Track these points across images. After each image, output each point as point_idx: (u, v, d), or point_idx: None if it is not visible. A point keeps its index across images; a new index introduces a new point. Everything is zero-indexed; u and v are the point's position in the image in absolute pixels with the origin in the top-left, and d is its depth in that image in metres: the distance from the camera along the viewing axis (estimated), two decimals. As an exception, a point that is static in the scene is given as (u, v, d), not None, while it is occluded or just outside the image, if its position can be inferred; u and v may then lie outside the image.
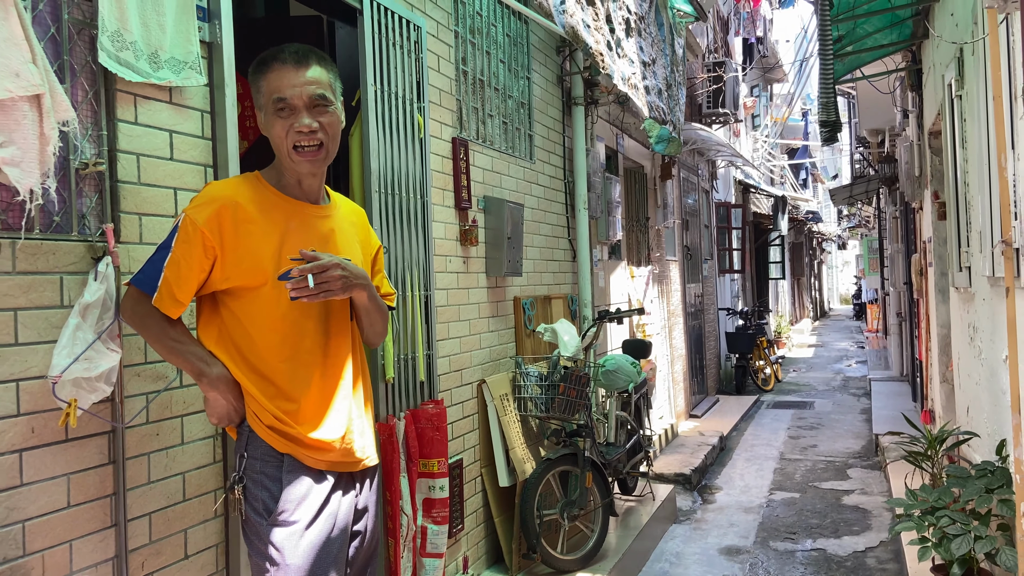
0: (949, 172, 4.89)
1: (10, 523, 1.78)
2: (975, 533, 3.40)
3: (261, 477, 1.86)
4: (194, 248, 1.81)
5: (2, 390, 1.78)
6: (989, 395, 4.02)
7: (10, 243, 1.81)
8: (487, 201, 4.17)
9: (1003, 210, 3.03)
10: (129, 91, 2.11)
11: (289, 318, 1.89)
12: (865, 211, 19.94)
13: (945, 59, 4.87)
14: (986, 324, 3.98)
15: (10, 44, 1.73)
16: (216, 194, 1.87)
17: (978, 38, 3.24)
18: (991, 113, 3.35)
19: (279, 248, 1.88)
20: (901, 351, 11.69)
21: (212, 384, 1.84)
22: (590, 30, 3.25)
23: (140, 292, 1.83)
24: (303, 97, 1.86)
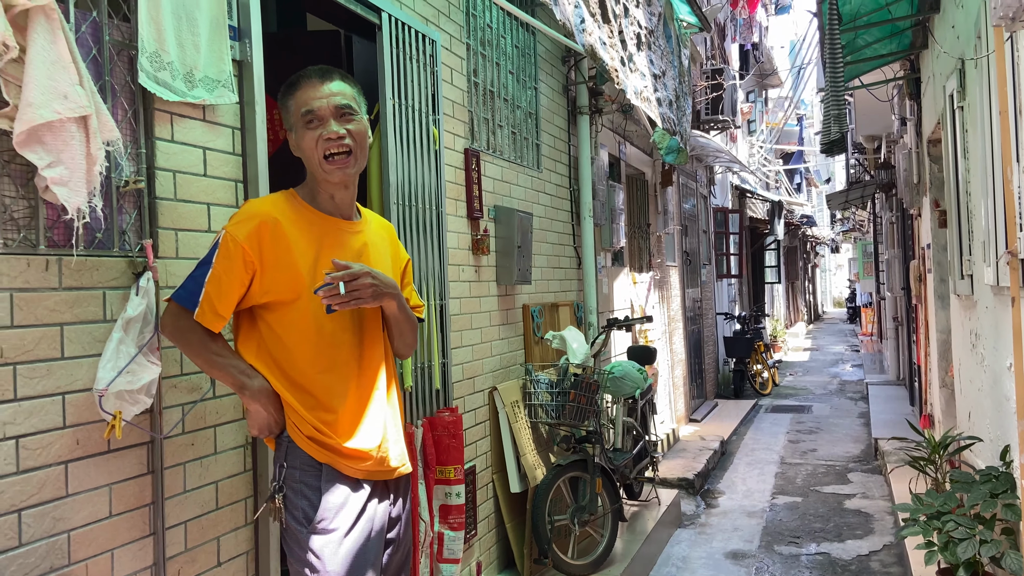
0: (950, 181, 4.97)
1: (56, 533, 1.83)
2: (980, 537, 3.47)
3: (300, 486, 1.92)
4: (235, 263, 1.86)
5: (49, 403, 1.83)
6: (992, 401, 4.09)
7: (56, 260, 1.86)
8: (497, 210, 4.23)
9: (1008, 221, 3.10)
10: (166, 110, 2.17)
11: (326, 331, 1.94)
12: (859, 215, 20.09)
13: (946, 70, 4.95)
14: (989, 332, 4.05)
15: (58, 67, 1.78)
16: (256, 211, 1.93)
17: (983, 54, 3.32)
18: (995, 126, 3.42)
19: (315, 263, 1.94)
20: (898, 355, 11.78)
21: (254, 396, 1.89)
22: (606, 47, 3.32)
23: (181, 307, 1.88)
24: (329, 107, 1.94)
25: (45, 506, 1.81)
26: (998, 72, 2.88)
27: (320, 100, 1.93)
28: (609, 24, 3.37)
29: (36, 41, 1.75)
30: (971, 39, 3.97)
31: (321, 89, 1.94)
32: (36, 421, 1.79)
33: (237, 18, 2.42)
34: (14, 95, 1.74)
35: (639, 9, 4.02)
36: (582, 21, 3.06)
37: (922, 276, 7.52)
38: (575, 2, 2.98)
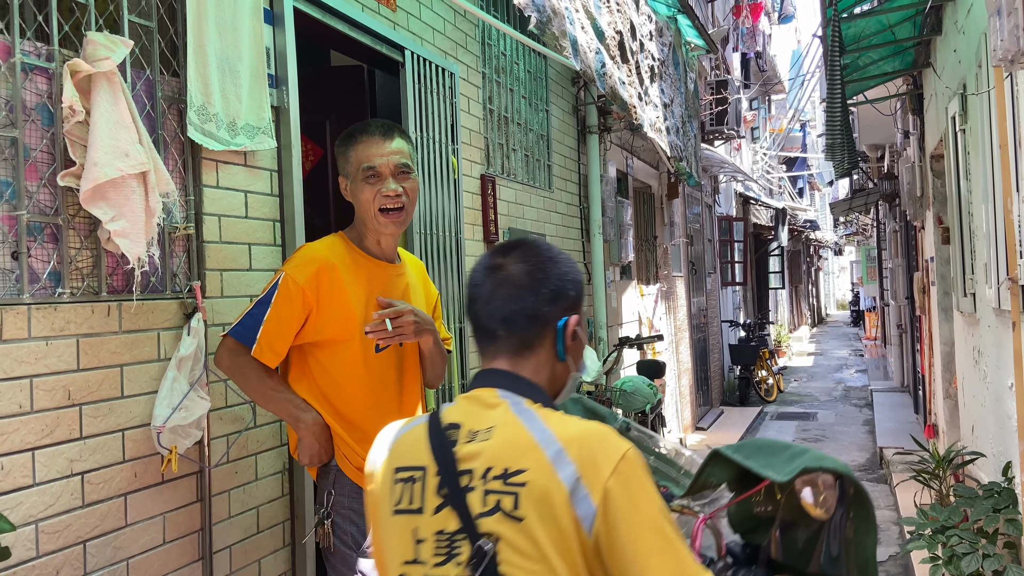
0: (953, 200, 5.09)
1: (117, 561, 1.96)
2: (983, 551, 3.59)
3: (349, 512, 2.04)
4: (294, 305, 1.98)
5: (111, 440, 1.96)
6: (994, 418, 4.21)
7: (117, 305, 1.99)
8: (512, 232, 4.36)
9: (1009, 249, 3.23)
10: (212, 158, 2.30)
11: (374, 368, 2.08)
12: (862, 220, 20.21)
13: (948, 92, 5.07)
14: (991, 350, 4.17)
15: (120, 127, 1.91)
16: (315, 256, 2.05)
17: (983, 89, 3.44)
18: (996, 158, 3.55)
19: (366, 305, 2.07)
20: (902, 362, 11.89)
21: (309, 429, 2.02)
22: (624, 86, 3.45)
23: (238, 343, 1.99)
24: (389, 165, 2.08)
25: (107, 536, 1.94)
26: (998, 108, 3.00)
27: (382, 158, 2.07)
28: (628, 63, 3.50)
29: (99, 104, 1.88)
30: (972, 66, 4.09)
31: (383, 147, 2.08)
32: (99, 457, 1.93)
33: (275, 66, 2.55)
34: (79, 154, 1.87)
35: (652, 42, 4.15)
36: (603, 65, 3.19)
37: (926, 288, 7.64)
38: (596, 48, 3.11)
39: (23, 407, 1.76)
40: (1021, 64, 2.63)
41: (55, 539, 1.81)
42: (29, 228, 1.81)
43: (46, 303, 1.82)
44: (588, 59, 3.09)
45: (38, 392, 1.79)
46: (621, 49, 3.47)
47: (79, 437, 1.88)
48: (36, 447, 1.78)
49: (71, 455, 1.85)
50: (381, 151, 2.07)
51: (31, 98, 1.84)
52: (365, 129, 2.11)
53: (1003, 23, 2.53)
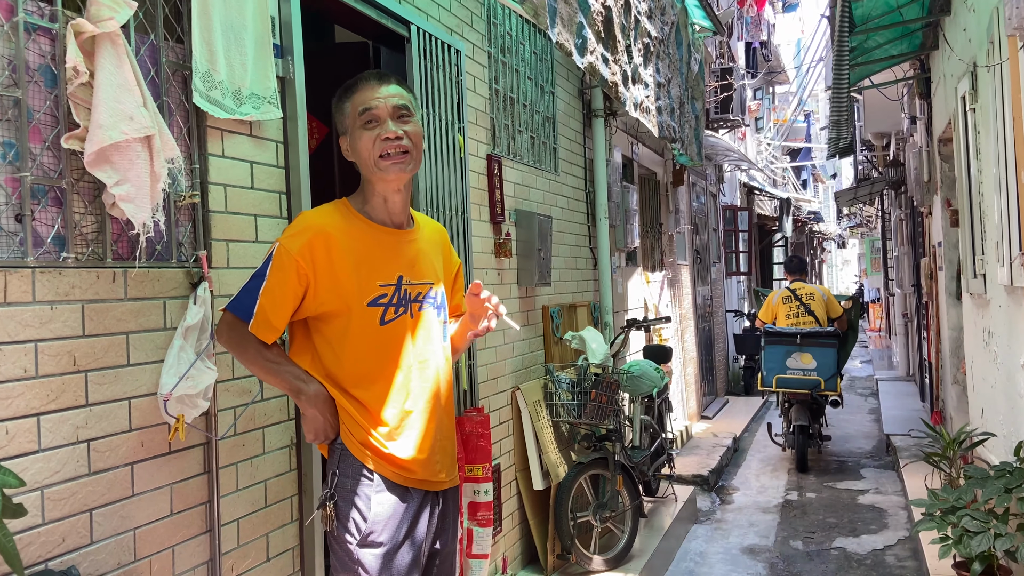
0: (963, 181, 5.05)
1: (124, 531, 1.94)
2: (995, 531, 3.56)
3: (352, 496, 1.92)
4: (288, 276, 1.89)
5: (117, 408, 1.93)
6: (1005, 398, 4.17)
7: (122, 272, 1.96)
8: (518, 214, 4.32)
9: (1022, 223, 3.19)
10: (217, 127, 2.27)
11: (378, 342, 1.97)
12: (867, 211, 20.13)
13: (957, 72, 5.03)
14: (1002, 330, 4.13)
15: (124, 90, 1.88)
16: (309, 223, 1.96)
17: (995, 61, 3.40)
18: (1008, 131, 3.51)
19: (369, 275, 1.97)
20: (908, 351, 11.85)
21: (310, 401, 1.92)
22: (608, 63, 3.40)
23: (236, 318, 1.91)
24: (387, 107, 1.96)
25: (113, 505, 1.91)
26: (1012, 79, 2.96)
27: (378, 100, 1.95)
28: (614, 40, 3.44)
29: (104, 66, 1.85)
30: (983, 42, 4.05)
31: (379, 90, 1.97)
32: (105, 425, 1.90)
33: (280, 36, 2.52)
34: (83, 117, 1.84)
35: (652, 21, 4.10)
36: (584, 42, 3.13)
37: (933, 274, 7.60)
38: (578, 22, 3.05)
39: (28, 371, 1.73)
40: (1037, 32, 2.59)
41: (61, 506, 1.78)
42: (33, 191, 1.79)
43: (51, 267, 1.79)
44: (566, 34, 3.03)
45: (43, 357, 1.76)
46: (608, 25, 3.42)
47: (85, 404, 1.85)
48: (41, 412, 1.75)
49: (77, 422, 1.83)
50: (377, 94, 1.96)
51: (34, 59, 1.81)
52: (359, 79, 2.01)
53: (1019, -11, 2.49)
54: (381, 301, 1.97)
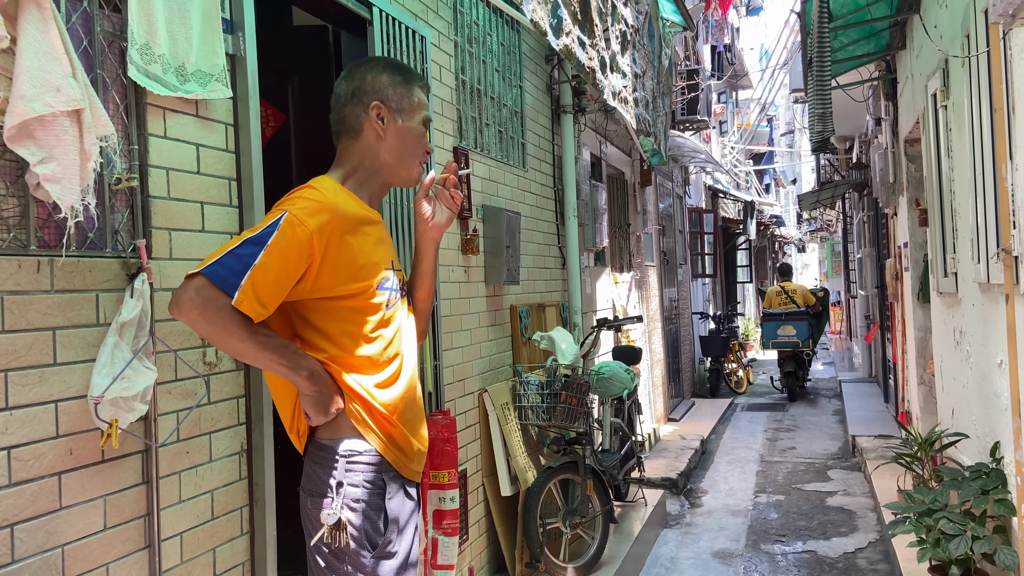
0: (933, 180, 5.01)
1: (50, 548, 1.74)
2: (973, 533, 3.49)
3: (363, 507, 1.78)
4: (300, 252, 1.68)
5: (42, 412, 1.74)
6: (979, 398, 4.12)
7: (48, 261, 1.77)
8: (486, 210, 4.17)
9: (1002, 219, 3.12)
10: (159, 104, 2.08)
11: (382, 327, 1.84)
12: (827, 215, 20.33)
13: (927, 69, 4.99)
14: (976, 329, 4.08)
15: (50, 58, 1.69)
16: (327, 203, 1.76)
17: (973, 53, 3.34)
18: (984, 124, 3.44)
19: (374, 258, 1.84)
20: (870, 353, 11.92)
21: (314, 377, 1.73)
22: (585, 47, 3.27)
23: (214, 287, 1.59)
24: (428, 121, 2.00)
25: (39, 520, 1.72)
26: (994, 70, 2.89)
27: (430, 113, 2.01)
28: (592, 24, 3.32)
29: (27, 31, 1.66)
30: (956, 38, 4.00)
31: (429, 103, 2.04)
32: (28, 431, 1.70)
33: (230, 10, 2.34)
34: (4, 87, 1.65)
35: (628, 8, 3.98)
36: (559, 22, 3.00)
37: (899, 274, 7.60)
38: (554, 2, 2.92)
39: (-65, 371, 1.53)
40: (1022, 19, 2.51)
41: (-26, 523, 1.59)
42: (-57, 168, 1.59)
43: (-37, 254, 1.60)
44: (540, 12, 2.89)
45: (-47, 355, 1.57)
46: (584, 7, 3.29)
47: (5, 407, 1.65)
48: (-49, 418, 1.56)
49: (-6, 427, 1.63)
50: (429, 105, 2.03)
51: (-55, 20, 1.61)
52: (423, 77, 2.08)
53: (1006, -27, 2.40)
54: (386, 285, 1.88)
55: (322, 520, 1.77)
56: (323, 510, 1.77)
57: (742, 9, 17.28)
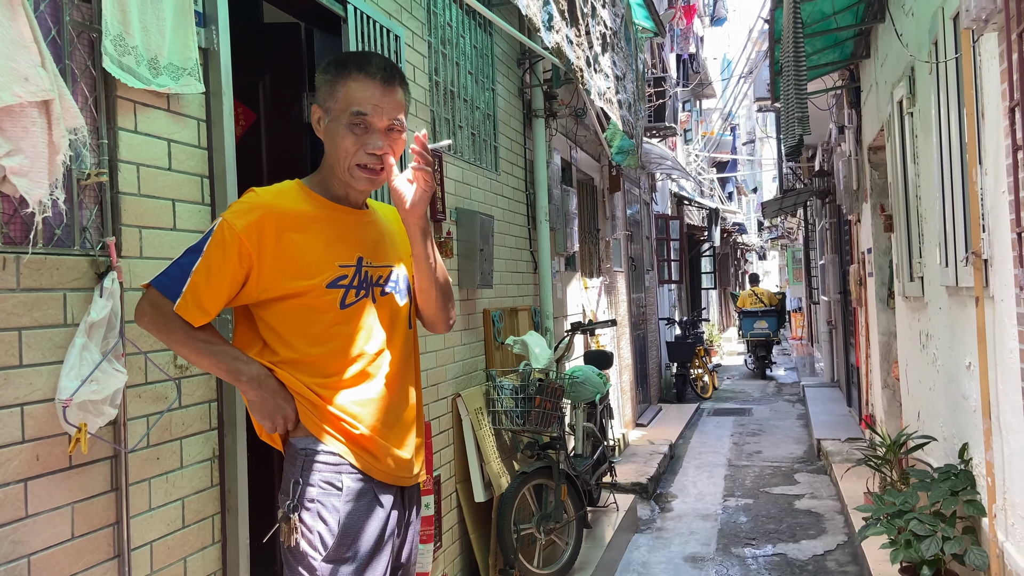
0: (898, 186, 5.09)
1: (16, 558, 1.66)
2: (943, 534, 3.53)
3: (317, 507, 1.72)
4: (229, 255, 1.68)
5: (7, 415, 1.66)
6: (946, 400, 4.18)
7: (14, 258, 1.69)
8: (459, 213, 4.13)
9: (972, 223, 3.17)
10: (129, 98, 2.01)
11: (336, 326, 1.77)
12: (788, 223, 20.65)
13: (892, 77, 5.08)
14: (943, 332, 4.14)
15: (18, 47, 1.62)
16: (259, 202, 1.74)
17: (945, 59, 3.39)
18: (953, 130, 3.50)
19: (327, 255, 1.77)
20: (832, 358, 12.09)
21: (253, 383, 1.70)
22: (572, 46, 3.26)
23: (160, 296, 1.68)
24: (383, 120, 1.77)
25: (4, 528, 1.64)
26: (964, 76, 2.93)
27: (378, 108, 1.76)
28: (577, 23, 3.31)
29: (-7, 17, 1.59)
30: (923, 45, 4.07)
31: (381, 97, 1.76)
32: (-8, 436, 1.63)
33: (203, 3, 2.28)
34: (-32, 76, 1.58)
35: (605, 9, 3.99)
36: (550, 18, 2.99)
37: (862, 280, 7.72)
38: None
39: None
40: (994, 25, 2.55)
41: (-66, 533, 1.50)
42: (-98, 159, 1.51)
43: (-77, 249, 1.52)
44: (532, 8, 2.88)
45: (-88, 355, 1.49)
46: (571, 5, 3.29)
47: (-34, 411, 1.58)
48: (-90, 422, 1.47)
49: (-45, 432, 1.55)
50: (378, 100, 1.75)
51: (-95, 4, 1.53)
52: (365, 64, 1.77)
53: (979, -21, 2.44)
54: (341, 283, 1.78)
55: (278, 517, 1.74)
56: (280, 508, 1.75)
57: (706, 19, 17.50)
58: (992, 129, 2.88)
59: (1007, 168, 2.60)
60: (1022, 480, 2.95)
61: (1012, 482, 3.08)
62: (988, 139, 2.94)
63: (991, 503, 3.26)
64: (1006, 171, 2.65)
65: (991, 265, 3.06)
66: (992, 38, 2.81)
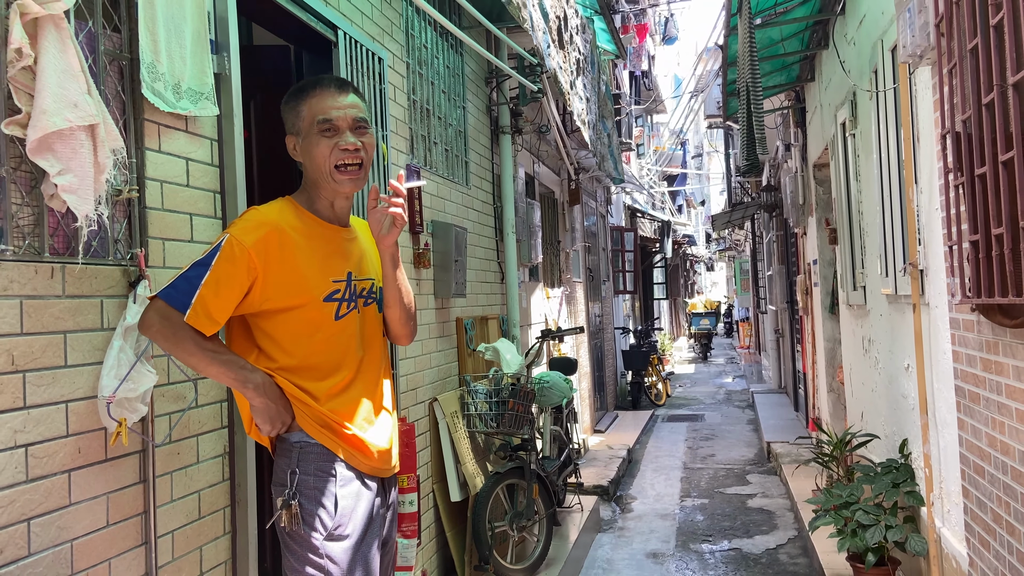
0: (842, 201, 5.45)
1: (61, 542, 1.81)
2: (886, 523, 3.84)
3: (315, 493, 1.90)
4: (238, 268, 1.84)
5: (55, 411, 1.81)
6: (887, 401, 4.52)
7: (60, 267, 1.85)
8: (435, 225, 4.33)
9: (909, 237, 3.49)
10: (154, 120, 2.18)
11: (334, 337, 1.97)
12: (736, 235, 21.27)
13: (836, 100, 5.44)
14: (884, 337, 4.48)
15: (68, 76, 1.79)
16: (264, 219, 1.93)
17: (884, 88, 3.73)
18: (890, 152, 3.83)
19: (324, 270, 1.96)
20: (779, 365, 12.55)
21: (260, 390, 1.86)
22: (562, 71, 3.52)
23: (169, 307, 1.80)
24: (347, 119, 1.96)
25: (51, 515, 1.79)
26: (901, 104, 3.25)
27: (339, 111, 1.95)
28: (564, 51, 3.57)
29: (48, 50, 1.75)
30: (864, 73, 4.42)
31: (339, 99, 1.96)
32: (43, 429, 1.78)
33: (216, 32, 2.46)
34: (25, 102, 1.74)
35: (579, 36, 4.25)
36: (548, 46, 3.24)
37: (808, 289, 8.12)
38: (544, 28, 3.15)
39: (-37, 371, 1.60)
40: (928, 59, 2.86)
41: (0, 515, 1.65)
42: (-32, 178, 1.66)
43: (-12, 259, 1.67)
44: (538, 37, 3.13)
45: (-21, 356, 1.64)
46: (559, 35, 3.54)
47: (23, 406, 1.73)
48: (-24, 416, 1.62)
49: (15, 425, 1.70)
50: (337, 104, 1.95)
51: (-28, 37, 1.69)
52: (318, 82, 1.99)
53: (913, 20, 2.75)
54: (335, 296, 1.98)
55: (278, 506, 1.92)
56: (279, 497, 1.93)
57: (658, 38, 18.00)
58: (927, 152, 3.20)
59: (940, 188, 2.92)
60: (956, 470, 3.26)
61: (947, 472, 3.39)
62: (923, 161, 3.27)
63: (929, 492, 3.58)
64: (939, 190, 2.97)
65: (927, 275, 3.38)
66: (927, 70, 3.13)
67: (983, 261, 2.33)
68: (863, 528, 3.89)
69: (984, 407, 2.62)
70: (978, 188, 2.34)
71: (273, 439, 1.99)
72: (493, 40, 5.28)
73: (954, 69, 2.50)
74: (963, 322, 2.77)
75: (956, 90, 2.50)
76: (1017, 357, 2.30)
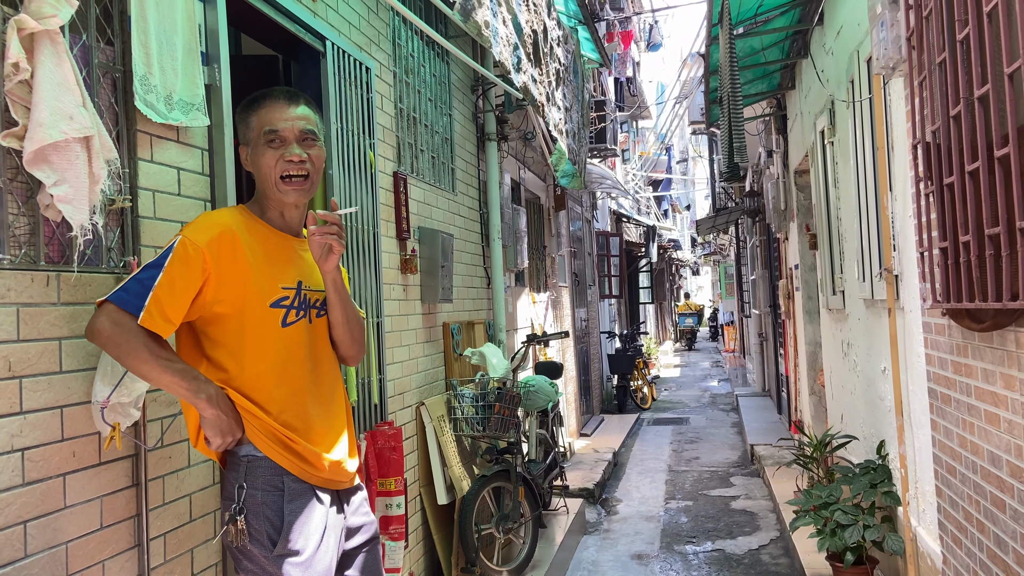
0: (822, 207, 5.55)
1: (56, 544, 1.85)
2: (864, 523, 3.92)
3: (263, 508, 1.89)
4: (192, 268, 1.83)
5: (50, 416, 1.86)
6: (865, 403, 4.61)
7: (55, 276, 1.89)
8: (421, 231, 4.39)
9: (884, 243, 3.58)
10: (146, 131, 2.23)
11: (281, 344, 1.97)
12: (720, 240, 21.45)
13: (815, 108, 5.55)
14: (861, 341, 4.57)
15: (64, 89, 1.84)
16: (217, 221, 1.95)
17: (858, 98, 3.82)
18: (868, 159, 3.93)
19: (271, 276, 1.98)
20: (763, 368, 12.67)
21: (212, 401, 1.84)
22: (536, 84, 3.58)
23: (121, 311, 1.76)
24: (294, 131, 1.99)
25: (47, 517, 1.83)
26: (876, 114, 3.34)
27: (286, 122, 1.98)
28: (540, 64, 3.64)
29: (44, 63, 1.80)
30: (842, 82, 4.52)
31: (287, 111, 1.99)
32: (39, 434, 1.82)
33: (206, 44, 2.51)
34: (21, 115, 1.78)
35: (560, 48, 4.32)
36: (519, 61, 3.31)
37: (790, 294, 8.23)
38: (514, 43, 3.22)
39: (-38, 377, 1.65)
40: (901, 71, 2.95)
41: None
42: (-33, 189, 1.71)
43: (-15, 268, 1.72)
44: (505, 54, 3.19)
45: (-23, 362, 1.68)
46: (535, 48, 3.61)
47: (20, 411, 1.77)
48: (-26, 421, 1.67)
49: (12, 430, 1.75)
50: (285, 115, 1.98)
51: (-30, 52, 1.74)
52: (268, 94, 2.02)
53: (885, 33, 2.83)
54: (283, 303, 1.99)
55: (224, 520, 1.91)
56: (226, 512, 1.93)
57: (643, 44, 18.14)
58: (900, 161, 3.29)
59: (912, 196, 3.01)
60: (930, 471, 3.35)
61: (922, 472, 3.48)
62: (897, 170, 3.36)
63: (905, 492, 3.66)
64: (912, 198, 3.05)
65: (901, 280, 3.47)
66: (900, 82, 3.22)
67: (952, 267, 2.42)
68: (842, 528, 3.98)
69: (955, 409, 2.71)
70: (947, 197, 2.43)
71: (222, 453, 1.98)
72: (479, 49, 5.35)
73: (924, 81, 2.58)
74: (935, 326, 2.85)
75: (926, 102, 2.58)
76: (985, 360, 2.39)
